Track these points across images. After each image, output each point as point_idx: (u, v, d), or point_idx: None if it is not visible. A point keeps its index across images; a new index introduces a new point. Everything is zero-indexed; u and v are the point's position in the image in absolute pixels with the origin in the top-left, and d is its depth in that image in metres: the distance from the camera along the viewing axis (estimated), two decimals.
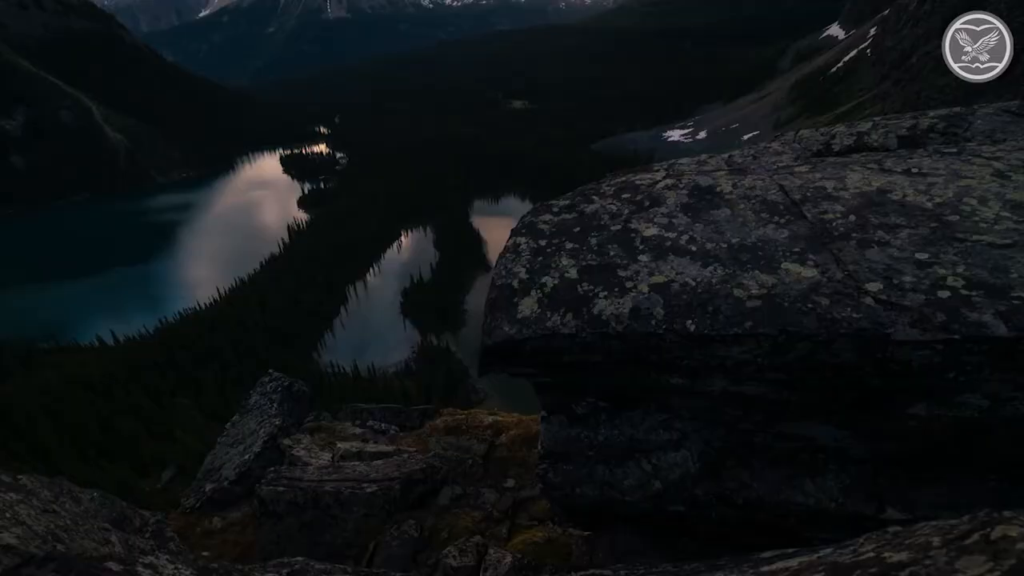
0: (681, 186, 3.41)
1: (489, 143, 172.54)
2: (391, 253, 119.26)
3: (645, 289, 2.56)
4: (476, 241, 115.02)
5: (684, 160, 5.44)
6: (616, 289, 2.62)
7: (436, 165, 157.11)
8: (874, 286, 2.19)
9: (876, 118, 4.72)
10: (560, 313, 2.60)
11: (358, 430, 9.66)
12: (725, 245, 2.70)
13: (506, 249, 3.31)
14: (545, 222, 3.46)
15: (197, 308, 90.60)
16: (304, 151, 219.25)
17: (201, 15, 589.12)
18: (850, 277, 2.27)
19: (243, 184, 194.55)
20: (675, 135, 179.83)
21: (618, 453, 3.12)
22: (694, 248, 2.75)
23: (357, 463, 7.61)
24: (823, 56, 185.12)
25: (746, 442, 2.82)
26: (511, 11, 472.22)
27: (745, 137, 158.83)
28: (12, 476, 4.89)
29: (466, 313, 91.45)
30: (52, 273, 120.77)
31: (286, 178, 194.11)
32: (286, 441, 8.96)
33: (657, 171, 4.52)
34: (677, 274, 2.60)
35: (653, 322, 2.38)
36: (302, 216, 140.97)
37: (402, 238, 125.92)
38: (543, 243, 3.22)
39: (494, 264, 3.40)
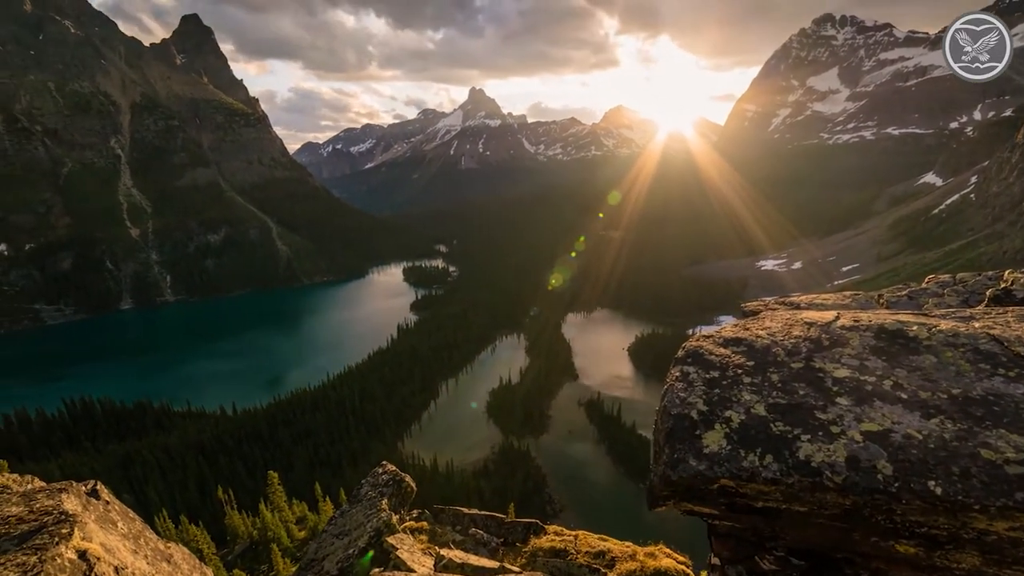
0: (863, 327, 3.09)
1: (585, 265, 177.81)
2: (485, 355, 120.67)
3: (858, 437, 2.22)
4: (566, 350, 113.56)
5: (828, 296, 5.06)
6: (820, 433, 2.29)
7: (535, 281, 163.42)
8: None
9: None
10: (757, 453, 2.30)
11: (458, 536, 8.86)
12: (945, 396, 2.31)
13: (675, 378, 3.11)
14: (713, 353, 3.25)
15: (307, 388, 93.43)
16: (424, 264, 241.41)
17: (367, 167, 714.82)
18: None
19: (369, 288, 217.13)
20: (769, 264, 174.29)
21: None
22: (904, 396, 2.39)
23: None
24: (922, 200, 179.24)
25: None
26: (613, 162, 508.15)
27: (844, 269, 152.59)
28: (165, 543, 4.97)
29: (550, 419, 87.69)
30: (206, 348, 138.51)
31: (405, 285, 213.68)
32: (390, 540, 8.38)
33: (825, 309, 4.22)
34: (893, 423, 2.24)
35: (880, 477, 2.01)
36: (412, 317, 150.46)
37: (496, 342, 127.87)
38: (715, 375, 3.01)
39: (663, 392, 3.19)
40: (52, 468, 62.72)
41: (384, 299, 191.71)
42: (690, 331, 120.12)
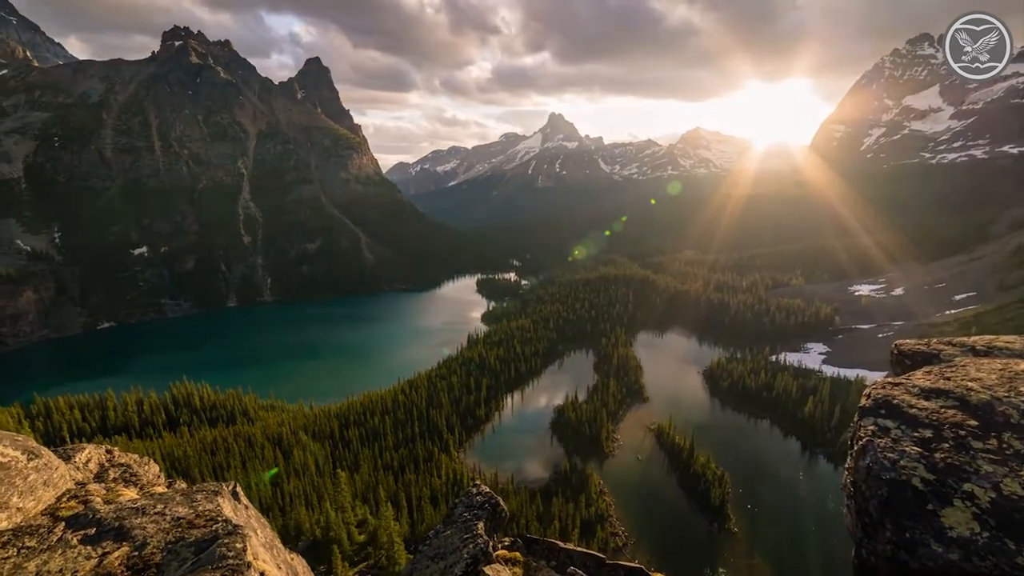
0: None
1: (658, 283, 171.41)
2: (552, 369, 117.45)
3: None
4: (635, 370, 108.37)
5: (1013, 338, 4.21)
6: None
7: (608, 298, 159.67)
8: None
9: None
10: None
11: (554, 575, 8.30)
12: None
13: (871, 432, 2.61)
14: (913, 406, 2.72)
15: (378, 391, 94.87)
16: (496, 277, 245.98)
17: (450, 184, 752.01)
18: None
19: (444, 297, 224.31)
20: (864, 289, 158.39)
21: None
22: None
23: None
24: None
25: None
26: (690, 181, 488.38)
27: (958, 297, 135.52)
28: (289, 553, 4.97)
29: (616, 442, 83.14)
30: (294, 345, 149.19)
31: (478, 296, 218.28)
32: (487, 571, 7.96)
33: (1015, 355, 3.49)
34: None
35: None
36: (482, 327, 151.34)
37: (564, 357, 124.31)
38: (928, 434, 2.48)
39: (855, 448, 2.70)
40: (153, 447, 69.00)
41: (457, 309, 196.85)
42: (773, 357, 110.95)
